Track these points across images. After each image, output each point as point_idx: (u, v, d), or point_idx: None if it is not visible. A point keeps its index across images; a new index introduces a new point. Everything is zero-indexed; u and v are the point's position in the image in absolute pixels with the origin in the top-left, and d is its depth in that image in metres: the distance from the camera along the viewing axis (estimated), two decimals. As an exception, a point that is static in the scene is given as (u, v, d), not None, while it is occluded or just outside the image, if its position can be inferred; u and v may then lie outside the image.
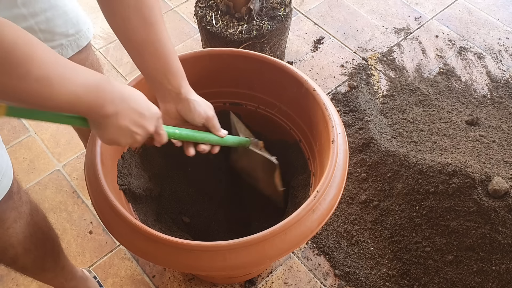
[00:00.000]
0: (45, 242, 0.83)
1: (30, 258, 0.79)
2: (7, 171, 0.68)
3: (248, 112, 1.00)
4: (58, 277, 0.93)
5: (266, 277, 1.11)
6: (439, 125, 1.31)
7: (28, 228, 0.75)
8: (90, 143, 0.79)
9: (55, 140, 1.36)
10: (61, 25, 0.80)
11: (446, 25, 1.68)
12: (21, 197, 0.73)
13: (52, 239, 0.86)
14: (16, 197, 0.71)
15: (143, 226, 0.69)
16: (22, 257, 0.77)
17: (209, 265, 0.68)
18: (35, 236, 0.78)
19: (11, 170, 0.69)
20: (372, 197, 1.20)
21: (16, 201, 0.72)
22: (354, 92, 1.46)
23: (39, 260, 0.83)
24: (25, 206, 0.75)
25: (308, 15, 1.70)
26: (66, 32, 0.81)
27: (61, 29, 0.80)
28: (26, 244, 0.76)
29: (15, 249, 0.75)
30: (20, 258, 0.77)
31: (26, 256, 0.78)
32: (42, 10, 0.75)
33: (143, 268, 1.13)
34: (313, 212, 0.71)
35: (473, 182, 1.06)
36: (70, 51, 0.84)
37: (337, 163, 0.75)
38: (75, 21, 0.82)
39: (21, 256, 0.77)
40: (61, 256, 0.90)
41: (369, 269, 1.11)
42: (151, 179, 0.94)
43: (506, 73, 1.53)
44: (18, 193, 0.72)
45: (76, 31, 0.83)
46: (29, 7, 0.73)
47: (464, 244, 1.05)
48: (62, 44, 0.82)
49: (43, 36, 0.78)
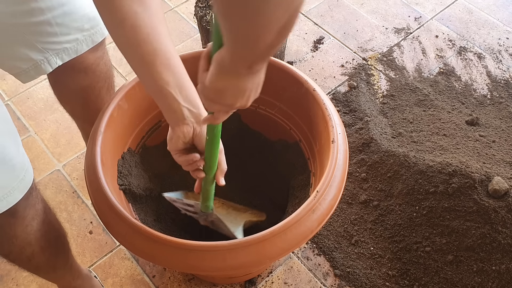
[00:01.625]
0: (57, 240, 0.84)
1: (45, 257, 0.80)
2: (29, 167, 0.69)
3: (248, 112, 1.00)
4: (67, 275, 0.94)
5: (266, 277, 1.11)
6: (439, 125, 1.31)
7: (43, 225, 0.76)
8: (90, 143, 0.79)
9: (55, 140, 1.36)
10: (77, 19, 0.80)
11: (446, 25, 1.68)
12: (37, 194, 0.74)
13: (63, 237, 0.87)
14: (34, 194, 0.72)
15: (143, 226, 0.69)
16: (38, 255, 0.78)
17: (209, 265, 0.68)
18: (49, 233, 0.79)
19: (31, 168, 0.70)
20: (372, 197, 1.20)
21: (33, 198, 0.72)
22: (354, 92, 1.46)
23: (53, 258, 0.83)
24: (40, 204, 0.75)
25: (308, 15, 1.70)
26: (82, 27, 0.81)
27: (77, 23, 0.80)
28: (42, 242, 0.77)
29: (32, 247, 0.76)
30: (36, 257, 0.78)
31: (41, 255, 0.79)
32: (59, 4, 0.75)
33: (143, 268, 1.13)
34: (313, 212, 0.71)
35: (473, 182, 1.06)
36: (85, 46, 0.84)
37: (337, 163, 0.75)
38: (91, 16, 0.82)
39: (37, 254, 0.78)
40: (70, 254, 0.91)
41: (369, 269, 1.11)
42: (151, 179, 0.94)
43: (506, 73, 1.53)
44: (35, 191, 0.73)
45: (91, 26, 0.83)
46: (46, 1, 0.73)
47: (464, 244, 1.05)
48: (77, 39, 0.82)
49: (59, 30, 0.78)
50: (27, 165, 0.68)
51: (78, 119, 1.06)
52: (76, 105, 0.98)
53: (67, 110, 1.02)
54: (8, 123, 0.65)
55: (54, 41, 0.79)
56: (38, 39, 0.77)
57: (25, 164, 0.67)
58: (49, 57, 0.81)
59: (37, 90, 1.47)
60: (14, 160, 0.65)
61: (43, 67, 0.81)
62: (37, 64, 0.81)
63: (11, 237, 0.72)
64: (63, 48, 0.81)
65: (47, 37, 0.78)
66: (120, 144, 0.87)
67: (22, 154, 0.67)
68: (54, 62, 0.82)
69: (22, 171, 0.66)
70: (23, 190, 0.67)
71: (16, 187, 0.66)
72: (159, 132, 0.96)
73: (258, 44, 0.41)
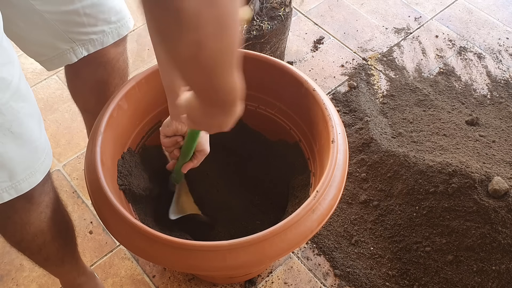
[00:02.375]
0: (67, 231, 0.85)
1: (55, 247, 0.81)
2: (49, 151, 0.70)
3: (248, 112, 1.00)
4: (73, 270, 0.94)
5: (266, 277, 1.11)
6: (439, 125, 1.31)
7: (55, 214, 0.77)
8: (90, 143, 0.79)
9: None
10: (105, 11, 0.80)
11: (446, 25, 1.68)
12: (51, 183, 0.75)
13: (71, 229, 0.87)
14: (49, 182, 0.73)
15: (143, 226, 0.69)
16: (49, 244, 0.79)
17: (209, 265, 0.68)
18: (60, 224, 0.80)
19: (51, 151, 0.71)
20: (372, 197, 1.20)
21: (49, 185, 0.74)
22: (354, 92, 1.46)
23: (62, 249, 0.84)
24: (52, 192, 0.76)
25: (308, 15, 1.70)
26: (109, 19, 0.82)
27: (104, 15, 0.81)
28: (54, 231, 0.78)
29: (44, 236, 0.76)
30: (47, 246, 0.79)
31: (52, 245, 0.79)
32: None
33: (143, 268, 1.13)
34: (313, 212, 0.71)
35: (473, 182, 1.06)
36: (111, 38, 0.85)
37: (337, 163, 0.75)
38: (118, 9, 0.83)
39: (48, 243, 0.78)
40: (76, 248, 0.92)
41: (369, 269, 1.11)
42: (151, 179, 0.94)
43: (506, 73, 1.53)
44: (49, 179, 0.74)
45: (118, 19, 0.83)
46: None
47: (464, 244, 1.05)
48: (104, 30, 0.83)
49: (87, 21, 0.79)
50: (47, 148, 0.69)
51: (88, 113, 1.06)
52: (90, 99, 0.99)
53: (79, 103, 1.03)
54: (34, 106, 0.66)
55: (82, 31, 0.80)
56: (67, 28, 0.78)
57: (45, 147, 0.68)
58: (75, 47, 0.82)
59: (37, 90, 1.47)
60: (38, 142, 0.66)
61: (69, 56, 0.82)
62: (63, 53, 0.82)
63: (25, 224, 0.72)
64: (89, 39, 0.82)
65: (75, 27, 0.79)
66: (120, 144, 0.87)
67: (45, 137, 0.69)
68: (80, 52, 0.83)
69: (43, 153, 0.68)
70: (43, 172, 0.68)
71: (37, 169, 0.67)
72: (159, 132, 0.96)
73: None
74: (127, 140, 0.90)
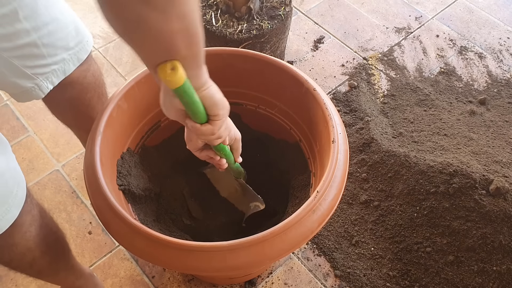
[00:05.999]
0: (57, 242, 0.83)
1: (46, 260, 0.79)
2: (21, 182, 0.67)
3: (248, 112, 0.99)
4: (70, 276, 0.94)
5: (266, 278, 1.11)
6: (440, 125, 1.31)
7: (41, 230, 0.75)
8: (89, 143, 0.79)
9: (54, 140, 1.36)
10: (62, 38, 0.78)
11: (447, 24, 1.67)
12: (31, 200, 0.73)
13: (62, 238, 0.86)
14: (28, 200, 0.71)
15: (143, 227, 0.69)
16: (39, 260, 0.77)
17: (209, 266, 0.67)
18: (48, 237, 0.78)
19: (23, 180, 0.68)
20: (372, 197, 1.19)
21: (29, 204, 0.71)
22: (355, 91, 1.46)
23: (54, 261, 0.83)
24: (35, 208, 0.74)
25: (308, 15, 1.70)
26: (67, 45, 0.80)
27: (62, 42, 0.79)
28: (42, 247, 0.76)
29: (32, 253, 0.75)
30: (37, 262, 0.77)
31: (42, 259, 0.78)
32: (44, 24, 0.73)
33: (143, 268, 1.13)
34: (313, 212, 0.70)
35: (473, 182, 1.05)
36: (72, 65, 0.83)
37: (338, 163, 0.75)
38: (75, 33, 0.81)
39: (38, 259, 0.77)
40: (70, 255, 0.91)
41: (369, 270, 1.11)
42: (151, 179, 0.94)
43: (507, 72, 1.52)
44: (29, 196, 0.72)
45: (76, 44, 0.82)
46: (31, 21, 0.71)
47: (465, 245, 1.05)
48: (64, 58, 0.81)
49: (46, 51, 0.76)
50: (18, 177, 0.66)
51: (72, 127, 1.06)
52: (67, 116, 0.98)
53: (60, 120, 1.02)
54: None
55: (42, 63, 0.78)
56: (26, 63, 0.75)
57: (16, 177, 0.66)
58: (39, 83, 0.80)
59: (36, 89, 1.47)
60: (7, 174, 0.63)
61: (35, 94, 0.81)
62: (29, 91, 0.80)
63: (10, 246, 0.71)
64: (51, 70, 0.80)
65: (34, 60, 0.76)
66: (119, 144, 0.86)
67: (13, 165, 0.66)
68: (45, 87, 0.81)
69: (14, 186, 0.65)
70: (18, 205, 0.66)
71: (11, 203, 0.65)
72: (159, 132, 0.96)
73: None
74: (127, 140, 0.89)
